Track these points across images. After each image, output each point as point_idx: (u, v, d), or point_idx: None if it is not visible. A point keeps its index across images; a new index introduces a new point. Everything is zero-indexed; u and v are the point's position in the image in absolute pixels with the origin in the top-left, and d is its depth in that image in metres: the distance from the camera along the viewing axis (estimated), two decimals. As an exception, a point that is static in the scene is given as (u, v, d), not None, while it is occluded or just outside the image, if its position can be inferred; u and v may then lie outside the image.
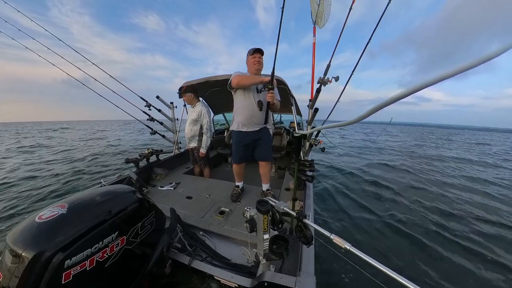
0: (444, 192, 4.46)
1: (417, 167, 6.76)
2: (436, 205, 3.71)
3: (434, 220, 3.14)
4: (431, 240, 2.64)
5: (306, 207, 1.75)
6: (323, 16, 2.10)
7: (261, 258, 1.07)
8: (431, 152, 10.91)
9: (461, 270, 2.18)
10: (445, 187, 4.87)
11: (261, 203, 1.02)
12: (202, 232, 1.59)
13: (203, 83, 2.77)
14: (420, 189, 4.61)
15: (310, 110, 2.25)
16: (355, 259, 0.70)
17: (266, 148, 2.11)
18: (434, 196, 4.22)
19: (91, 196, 1.00)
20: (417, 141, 17.57)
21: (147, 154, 2.62)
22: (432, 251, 2.45)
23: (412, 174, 5.87)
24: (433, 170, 6.59)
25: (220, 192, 2.20)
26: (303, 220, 0.95)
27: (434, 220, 3.14)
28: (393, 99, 0.44)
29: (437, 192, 4.43)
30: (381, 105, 0.47)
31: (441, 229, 2.91)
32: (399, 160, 7.84)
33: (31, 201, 3.57)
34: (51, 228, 0.80)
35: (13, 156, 7.65)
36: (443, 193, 4.38)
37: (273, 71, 1.75)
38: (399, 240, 2.64)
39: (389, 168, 6.48)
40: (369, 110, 0.51)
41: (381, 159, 7.83)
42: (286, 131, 4.03)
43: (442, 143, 16.98)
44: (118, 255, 0.93)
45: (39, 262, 0.72)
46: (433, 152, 10.93)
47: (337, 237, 0.77)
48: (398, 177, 5.44)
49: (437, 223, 3.07)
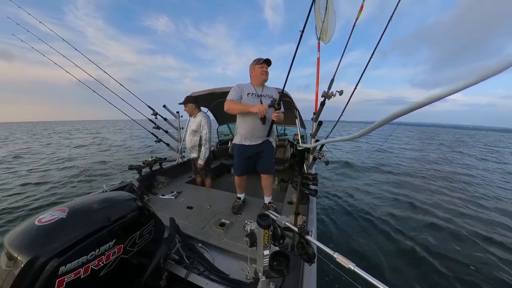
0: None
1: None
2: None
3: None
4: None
5: (308, 222, 1.70)
6: (328, 33, 2.16)
7: (260, 275, 1.03)
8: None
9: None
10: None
11: (262, 217, 0.99)
12: (201, 244, 1.55)
13: (209, 94, 2.84)
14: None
15: (314, 123, 2.26)
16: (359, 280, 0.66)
17: (268, 160, 2.09)
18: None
19: (91, 201, 0.99)
20: (449, 149, 15.59)
21: (150, 162, 2.63)
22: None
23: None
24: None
25: (221, 203, 2.17)
26: (305, 237, 0.92)
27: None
28: (407, 110, 0.38)
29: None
30: (394, 116, 0.42)
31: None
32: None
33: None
34: (49, 232, 0.80)
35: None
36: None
37: (282, 91, 1.79)
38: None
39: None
40: (379, 122, 0.46)
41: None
42: (290, 143, 4.03)
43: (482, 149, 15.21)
44: (114, 264, 0.91)
45: (33, 267, 0.71)
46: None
47: (340, 255, 0.74)
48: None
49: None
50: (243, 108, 1.85)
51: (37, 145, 13.29)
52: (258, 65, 1.90)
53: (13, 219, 3.53)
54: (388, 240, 3.06)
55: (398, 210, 4.03)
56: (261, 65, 1.89)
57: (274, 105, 1.72)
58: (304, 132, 4.21)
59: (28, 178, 5.89)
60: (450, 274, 2.40)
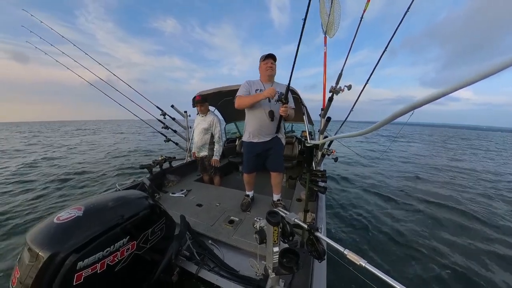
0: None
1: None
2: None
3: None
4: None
5: (318, 219, 1.69)
6: (333, 26, 2.12)
7: (270, 272, 1.03)
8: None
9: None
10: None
11: (272, 214, 0.99)
12: (210, 241, 1.57)
13: (216, 93, 2.85)
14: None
15: (322, 119, 2.22)
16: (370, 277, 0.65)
17: (277, 158, 2.08)
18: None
19: (106, 200, 1.03)
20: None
21: (160, 161, 2.69)
22: None
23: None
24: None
25: (230, 201, 2.19)
26: (315, 234, 0.91)
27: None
28: (415, 105, 0.40)
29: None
30: (403, 111, 0.44)
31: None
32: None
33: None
34: (67, 229, 0.83)
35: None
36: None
37: (288, 85, 1.76)
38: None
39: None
40: (387, 117, 0.48)
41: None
42: (298, 140, 3.99)
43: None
44: (128, 260, 0.94)
45: (53, 262, 0.74)
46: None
47: (351, 252, 0.73)
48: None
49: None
50: (251, 99, 1.85)
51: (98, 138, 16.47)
52: (263, 61, 1.92)
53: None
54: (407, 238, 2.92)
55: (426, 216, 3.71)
56: (266, 61, 1.91)
57: (282, 100, 1.71)
58: (312, 129, 4.15)
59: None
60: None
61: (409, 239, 2.94)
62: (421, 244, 2.84)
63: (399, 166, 7.92)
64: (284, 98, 1.71)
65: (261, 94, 1.78)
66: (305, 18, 1.48)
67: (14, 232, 2.93)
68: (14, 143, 13.43)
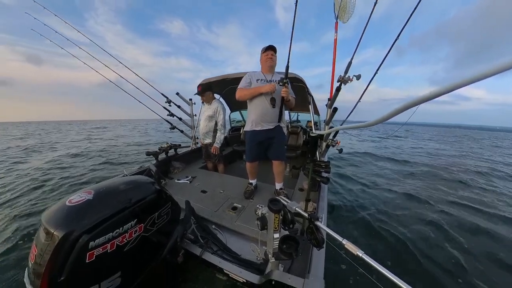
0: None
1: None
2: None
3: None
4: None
5: (319, 209, 1.72)
6: (347, 9, 2.00)
7: (270, 257, 1.08)
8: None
9: None
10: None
11: (273, 202, 1.02)
12: (214, 226, 1.63)
13: (221, 80, 2.81)
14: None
15: (329, 110, 2.18)
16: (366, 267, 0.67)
17: (279, 147, 2.09)
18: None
19: (114, 184, 1.07)
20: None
21: (166, 148, 2.74)
22: None
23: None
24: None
25: (234, 188, 2.24)
26: (315, 223, 0.94)
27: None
28: (423, 98, 0.39)
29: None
30: (408, 105, 0.43)
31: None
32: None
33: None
34: (79, 211, 0.88)
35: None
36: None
37: (287, 65, 1.76)
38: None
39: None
40: (394, 110, 0.47)
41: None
42: (303, 130, 3.96)
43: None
44: (136, 241, 0.99)
45: (67, 241, 0.80)
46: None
47: (349, 242, 0.74)
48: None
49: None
50: (253, 92, 1.90)
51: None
52: (264, 53, 1.97)
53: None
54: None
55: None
56: (266, 53, 1.94)
57: (282, 81, 1.74)
58: (318, 119, 4.10)
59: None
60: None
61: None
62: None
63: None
64: (284, 78, 1.74)
65: (262, 88, 1.83)
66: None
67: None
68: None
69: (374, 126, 0.64)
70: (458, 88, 0.31)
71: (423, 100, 0.39)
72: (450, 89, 0.32)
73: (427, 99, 0.39)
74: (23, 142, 11.23)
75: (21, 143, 10.97)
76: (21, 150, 8.63)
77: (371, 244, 2.46)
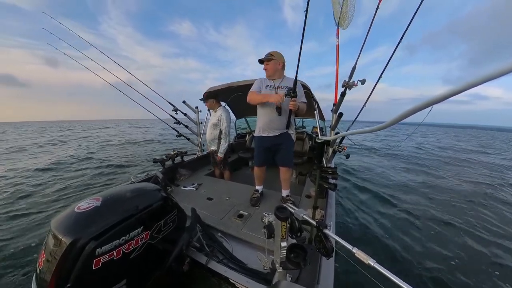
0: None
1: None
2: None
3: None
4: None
5: (327, 216, 1.67)
6: (347, 17, 2.02)
7: (277, 266, 1.04)
8: None
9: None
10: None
11: (280, 210, 1.00)
12: (220, 234, 1.61)
13: (226, 88, 2.86)
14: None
15: (334, 115, 2.17)
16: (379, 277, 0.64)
17: (287, 153, 2.08)
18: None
19: (122, 192, 1.09)
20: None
21: (172, 155, 2.77)
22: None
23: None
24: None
25: (240, 196, 2.22)
26: (323, 231, 0.91)
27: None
28: (437, 99, 0.36)
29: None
30: (420, 107, 0.40)
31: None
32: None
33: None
34: (87, 218, 0.89)
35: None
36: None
37: (295, 80, 1.76)
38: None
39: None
40: (404, 112, 0.44)
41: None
42: (308, 136, 3.93)
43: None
44: (142, 249, 0.99)
45: (75, 247, 0.80)
46: None
47: (359, 251, 0.71)
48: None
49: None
50: (261, 98, 1.93)
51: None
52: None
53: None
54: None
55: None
56: (263, 65, 2.02)
57: (290, 93, 1.74)
58: (323, 124, 4.07)
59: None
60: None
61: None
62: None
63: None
64: (292, 91, 1.73)
65: (270, 98, 1.85)
66: (307, 9, 1.46)
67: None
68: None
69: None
70: (475, 86, 0.29)
71: (438, 100, 0.36)
72: (467, 87, 0.30)
73: (443, 99, 0.36)
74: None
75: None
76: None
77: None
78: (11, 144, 11.66)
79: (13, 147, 10.44)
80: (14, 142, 12.69)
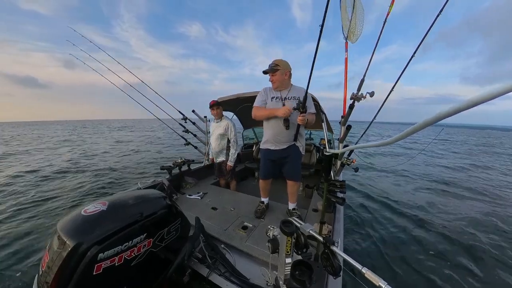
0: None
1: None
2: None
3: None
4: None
5: (334, 232, 1.60)
6: (356, 31, 2.04)
7: (281, 283, 0.99)
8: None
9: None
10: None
11: (286, 224, 0.96)
12: (223, 245, 1.57)
13: (235, 99, 2.91)
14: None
15: (342, 127, 2.14)
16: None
17: (294, 166, 2.03)
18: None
19: (128, 197, 1.09)
20: None
21: (179, 163, 2.79)
22: None
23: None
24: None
25: (245, 207, 2.18)
26: (330, 247, 0.87)
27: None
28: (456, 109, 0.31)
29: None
30: (442, 116, 0.34)
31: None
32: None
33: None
34: (93, 222, 0.90)
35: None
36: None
37: (306, 92, 1.69)
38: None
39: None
40: (420, 124, 0.39)
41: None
42: (316, 148, 3.88)
43: None
44: (144, 256, 0.98)
45: (78, 251, 0.80)
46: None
47: (369, 271, 0.67)
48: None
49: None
50: (268, 114, 1.87)
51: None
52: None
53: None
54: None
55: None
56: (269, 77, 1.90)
57: (299, 108, 1.65)
58: (331, 136, 4.02)
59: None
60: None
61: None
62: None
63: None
64: (302, 107, 1.64)
65: (277, 112, 1.77)
66: (322, 25, 1.43)
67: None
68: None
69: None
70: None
71: (468, 106, 0.30)
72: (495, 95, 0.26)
73: (473, 105, 0.30)
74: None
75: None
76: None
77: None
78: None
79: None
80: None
